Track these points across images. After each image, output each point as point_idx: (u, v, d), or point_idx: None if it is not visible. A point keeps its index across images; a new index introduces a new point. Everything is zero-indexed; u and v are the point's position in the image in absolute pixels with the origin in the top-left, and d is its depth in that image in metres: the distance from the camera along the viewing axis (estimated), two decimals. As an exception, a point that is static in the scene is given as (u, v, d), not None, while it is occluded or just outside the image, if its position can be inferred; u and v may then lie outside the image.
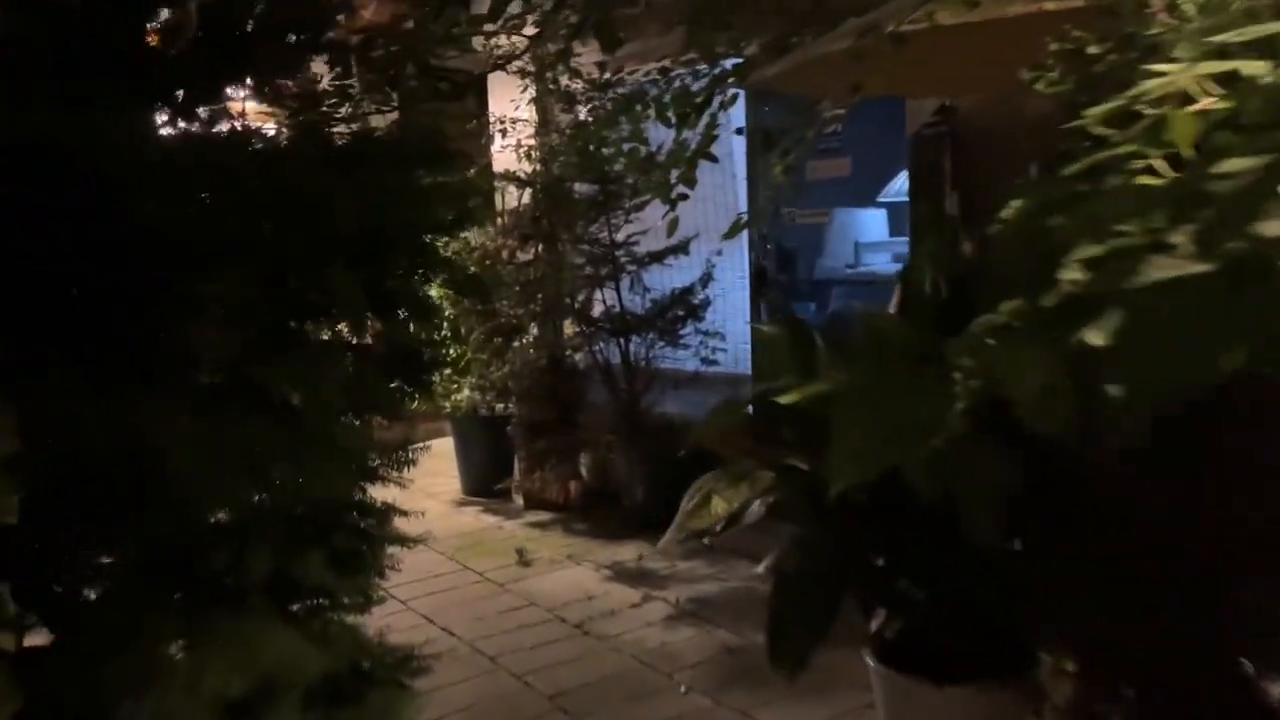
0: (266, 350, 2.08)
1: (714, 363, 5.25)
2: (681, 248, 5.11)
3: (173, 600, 1.94)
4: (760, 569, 2.34)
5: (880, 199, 6.25)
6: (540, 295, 5.23)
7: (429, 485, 6.68)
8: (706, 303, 5.17)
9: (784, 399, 1.96)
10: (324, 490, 2.25)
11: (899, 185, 6.23)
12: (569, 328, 5.52)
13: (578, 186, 5.28)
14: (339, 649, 2.39)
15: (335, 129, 2.44)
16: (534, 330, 5.58)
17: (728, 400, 2.60)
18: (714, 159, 3.45)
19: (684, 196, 3.51)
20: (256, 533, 2.06)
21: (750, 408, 2.57)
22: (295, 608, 2.32)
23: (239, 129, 2.00)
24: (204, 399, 1.96)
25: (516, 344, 5.41)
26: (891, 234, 6.53)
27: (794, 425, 2.10)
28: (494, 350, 5.33)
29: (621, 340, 5.15)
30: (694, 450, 2.75)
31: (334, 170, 2.20)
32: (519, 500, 6.06)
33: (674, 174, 3.50)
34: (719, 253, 5.30)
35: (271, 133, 2.21)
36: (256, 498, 2.11)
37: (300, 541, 2.22)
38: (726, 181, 5.35)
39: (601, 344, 5.25)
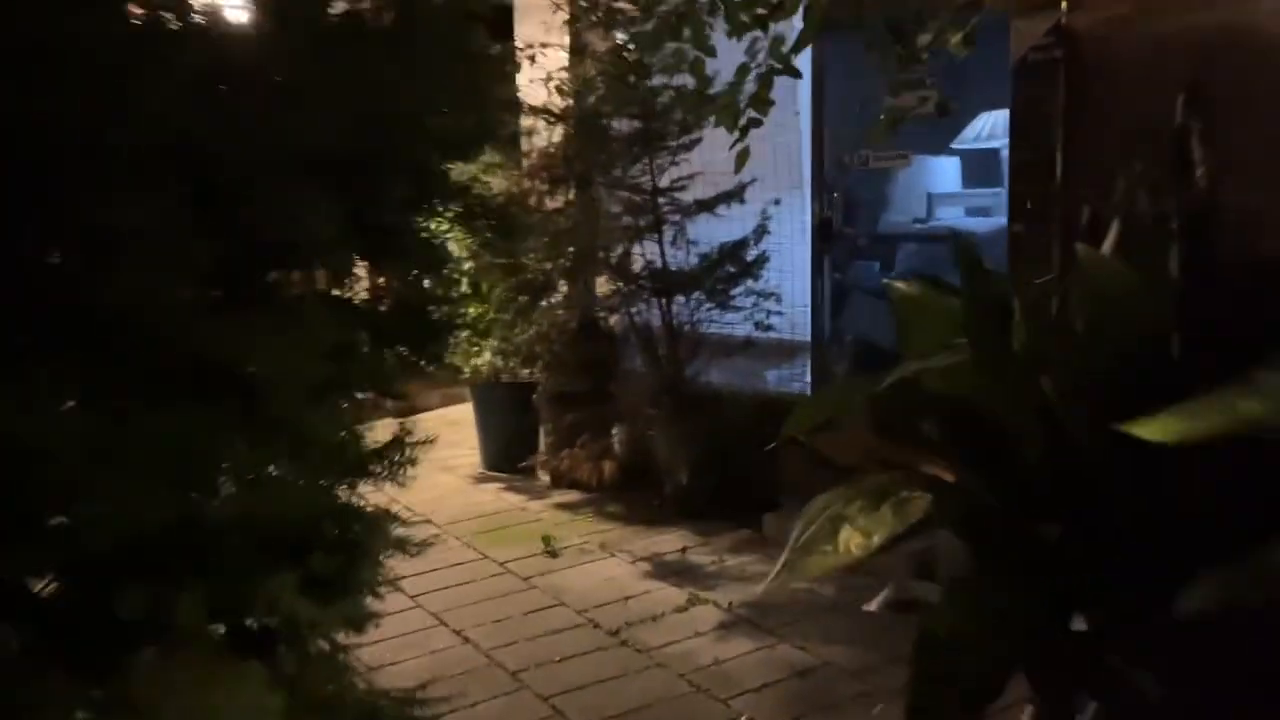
0: (209, 307, 1.53)
1: (769, 328, 4.66)
2: (736, 194, 4.52)
3: (65, 658, 1.39)
4: (875, 606, 1.78)
5: (955, 145, 5.60)
6: (571, 248, 4.63)
7: (446, 458, 6.17)
8: (763, 259, 4.57)
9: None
10: (294, 497, 1.68)
11: (978, 129, 5.57)
12: (603, 285, 4.93)
13: (616, 123, 4.67)
14: (315, 693, 1.86)
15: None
16: (564, 288, 5.00)
17: (841, 380, 2.02)
18: (797, 74, 2.85)
19: (757, 123, 2.92)
20: (191, 557, 1.51)
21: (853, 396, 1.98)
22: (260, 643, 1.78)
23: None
24: (114, 377, 1.39)
25: (544, 303, 4.83)
26: (965, 185, 5.88)
27: (945, 421, 1.53)
28: (519, 309, 4.76)
29: (663, 301, 4.57)
30: (779, 442, 2.20)
31: (310, 57, 1.61)
32: (545, 478, 5.53)
33: (744, 95, 2.91)
34: (776, 202, 4.69)
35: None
36: (197, 509, 1.56)
37: (262, 564, 1.67)
38: (788, 119, 4.73)
39: (641, 305, 4.66)
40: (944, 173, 5.75)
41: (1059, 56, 3.62)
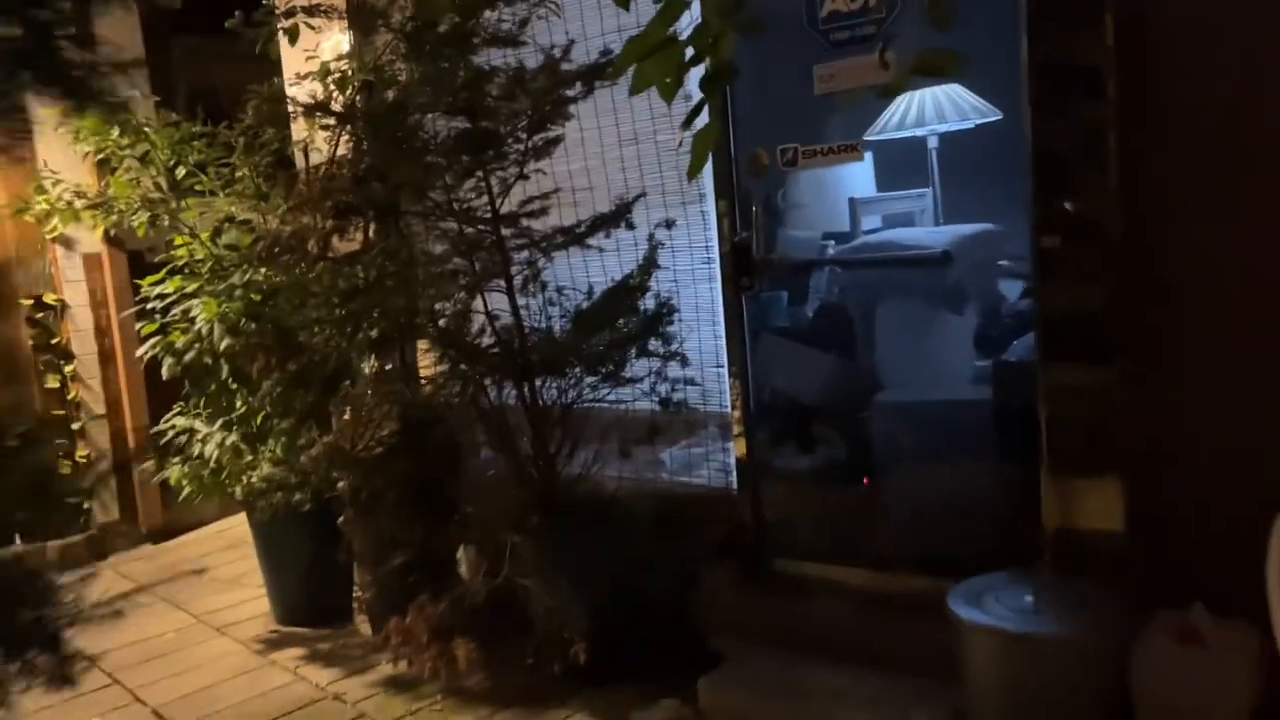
0: None
1: (678, 405, 3.34)
2: (620, 215, 3.20)
3: None
4: None
5: (868, 135, 4.47)
6: (378, 310, 3.16)
7: (221, 609, 4.53)
8: (667, 309, 3.25)
9: None
10: None
11: (898, 112, 4.44)
12: (430, 360, 3.48)
13: (430, 123, 3.26)
14: None
15: None
16: (370, 367, 3.51)
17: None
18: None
19: (726, 74, 1.61)
20: None
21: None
22: None
23: None
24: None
25: (341, 393, 3.33)
26: (880, 186, 4.76)
27: None
28: (305, 406, 3.24)
29: (525, 383, 3.16)
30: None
31: None
32: (366, 630, 4.01)
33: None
34: (669, 224, 3.38)
35: None
36: None
37: None
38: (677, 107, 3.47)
39: (490, 384, 3.24)
40: (859, 173, 4.62)
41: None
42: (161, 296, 4.05)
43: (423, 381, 3.47)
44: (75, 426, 5.41)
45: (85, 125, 3.91)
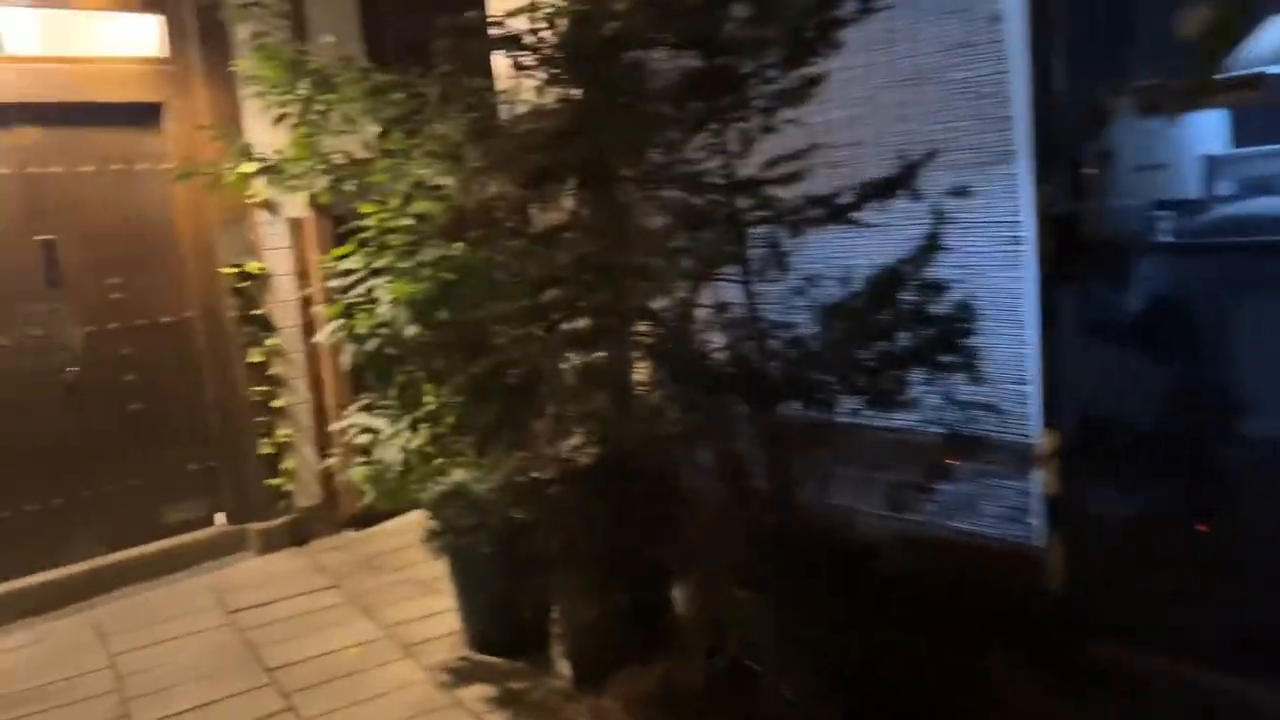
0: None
1: (972, 443, 2.52)
2: (902, 182, 2.38)
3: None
4: None
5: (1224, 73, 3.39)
6: (582, 301, 2.51)
7: (411, 624, 4.12)
8: (964, 316, 2.41)
9: None
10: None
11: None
12: (643, 370, 2.80)
13: (654, 62, 2.55)
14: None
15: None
16: (570, 367, 2.87)
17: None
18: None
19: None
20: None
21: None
22: None
23: None
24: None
25: (531, 406, 2.71)
26: (1239, 141, 3.68)
27: None
28: (489, 420, 2.64)
29: (762, 403, 2.43)
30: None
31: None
32: (565, 669, 3.45)
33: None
34: (962, 192, 2.54)
35: None
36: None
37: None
38: (978, 34, 2.62)
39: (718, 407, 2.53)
40: (1206, 122, 3.56)
41: None
42: (348, 272, 3.60)
43: (636, 390, 2.80)
44: (277, 404, 5.17)
45: (268, 75, 3.49)
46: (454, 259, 3.15)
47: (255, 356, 5.08)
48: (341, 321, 3.52)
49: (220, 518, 5.21)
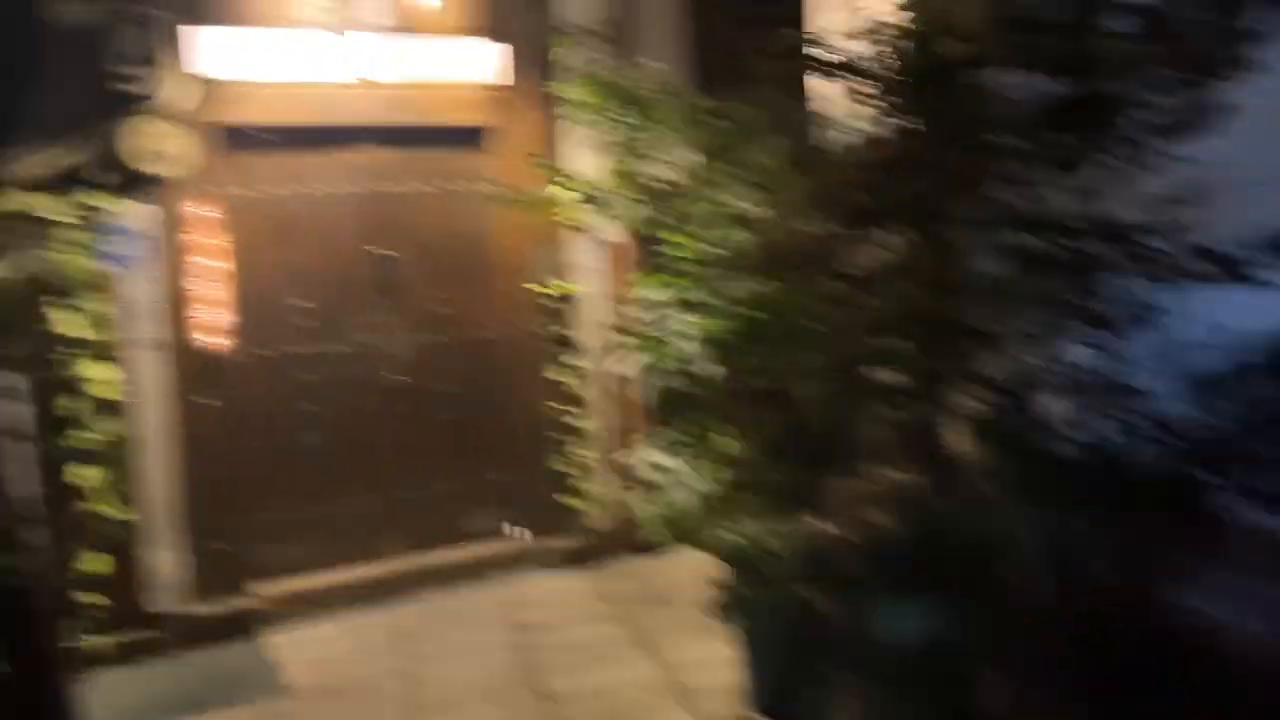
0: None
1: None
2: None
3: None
4: None
5: None
6: (900, 356, 2.22)
7: (691, 669, 3.97)
8: None
9: None
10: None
11: None
12: (963, 438, 2.45)
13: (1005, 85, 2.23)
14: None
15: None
16: (879, 428, 2.58)
17: None
18: None
19: None
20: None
21: None
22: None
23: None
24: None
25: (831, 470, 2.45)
26: None
27: None
28: (782, 481, 2.41)
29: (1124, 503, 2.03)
30: None
31: None
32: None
33: None
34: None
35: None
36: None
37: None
38: None
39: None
40: None
41: None
42: (654, 303, 3.50)
43: (954, 460, 2.47)
44: (578, 425, 5.22)
45: (585, 98, 3.47)
46: (764, 296, 2.96)
47: (559, 375, 5.17)
48: (644, 353, 3.43)
49: (513, 530, 5.34)
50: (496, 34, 5.02)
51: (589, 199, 3.74)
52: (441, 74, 4.98)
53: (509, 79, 5.06)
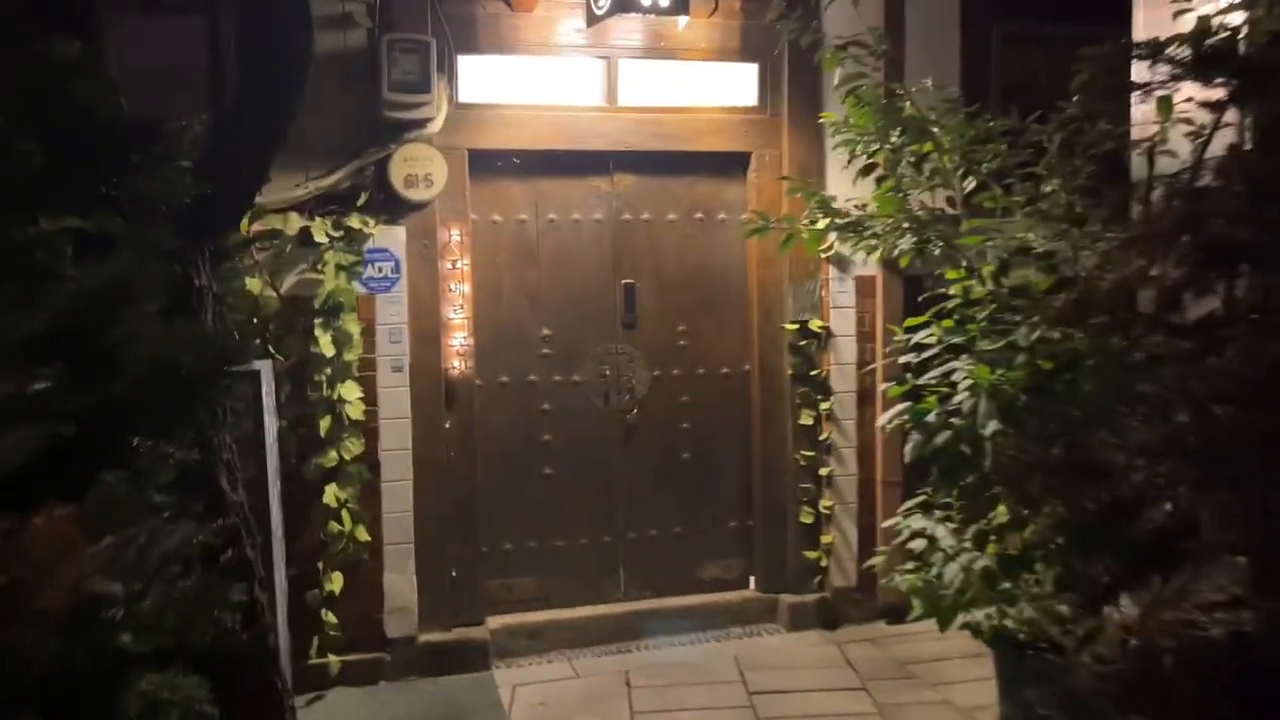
0: None
1: None
2: None
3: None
4: None
5: None
6: (1258, 428, 1.76)
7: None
8: None
9: None
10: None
11: None
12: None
13: None
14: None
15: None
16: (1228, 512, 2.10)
17: None
18: None
19: None
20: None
21: None
22: None
23: None
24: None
25: (1175, 558, 1.99)
26: None
27: None
28: (1096, 577, 1.98)
29: None
30: None
31: None
32: None
33: None
34: None
35: None
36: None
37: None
38: None
39: None
40: None
41: None
42: (920, 347, 3.13)
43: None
44: (823, 472, 4.86)
45: (858, 123, 3.16)
46: (1059, 345, 2.53)
47: (806, 418, 4.83)
48: (908, 404, 3.06)
49: (751, 581, 5.04)
50: (755, 55, 4.79)
51: (851, 228, 3.41)
52: (696, 98, 4.80)
53: (767, 102, 4.82)
